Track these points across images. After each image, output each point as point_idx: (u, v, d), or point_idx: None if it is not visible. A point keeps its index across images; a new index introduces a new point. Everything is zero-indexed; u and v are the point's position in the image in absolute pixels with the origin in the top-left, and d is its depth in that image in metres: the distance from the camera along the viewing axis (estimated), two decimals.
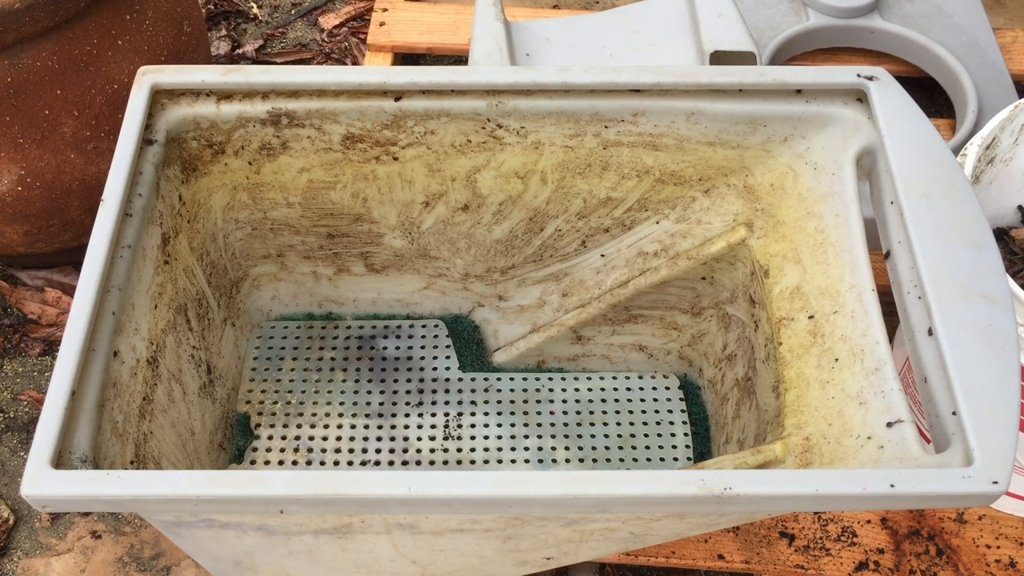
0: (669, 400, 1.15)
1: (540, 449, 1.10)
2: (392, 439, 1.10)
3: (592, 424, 1.12)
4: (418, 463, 1.08)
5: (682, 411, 1.14)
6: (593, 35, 1.32)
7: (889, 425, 0.76)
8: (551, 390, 1.15)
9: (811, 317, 0.88)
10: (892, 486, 0.69)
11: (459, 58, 1.56)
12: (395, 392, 1.13)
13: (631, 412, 1.14)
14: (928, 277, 0.78)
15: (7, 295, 1.33)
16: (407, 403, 1.12)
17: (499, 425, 1.11)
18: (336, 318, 1.19)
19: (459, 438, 1.10)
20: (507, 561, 0.89)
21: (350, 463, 1.08)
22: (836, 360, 0.83)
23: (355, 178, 1.00)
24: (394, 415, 1.11)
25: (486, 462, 1.08)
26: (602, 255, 1.08)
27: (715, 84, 0.91)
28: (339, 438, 1.10)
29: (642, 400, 1.15)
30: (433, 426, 1.11)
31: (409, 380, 1.14)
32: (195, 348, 0.98)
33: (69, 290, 1.32)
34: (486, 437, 1.10)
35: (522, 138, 0.96)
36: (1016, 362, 0.74)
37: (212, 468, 1.00)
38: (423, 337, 1.18)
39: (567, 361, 1.17)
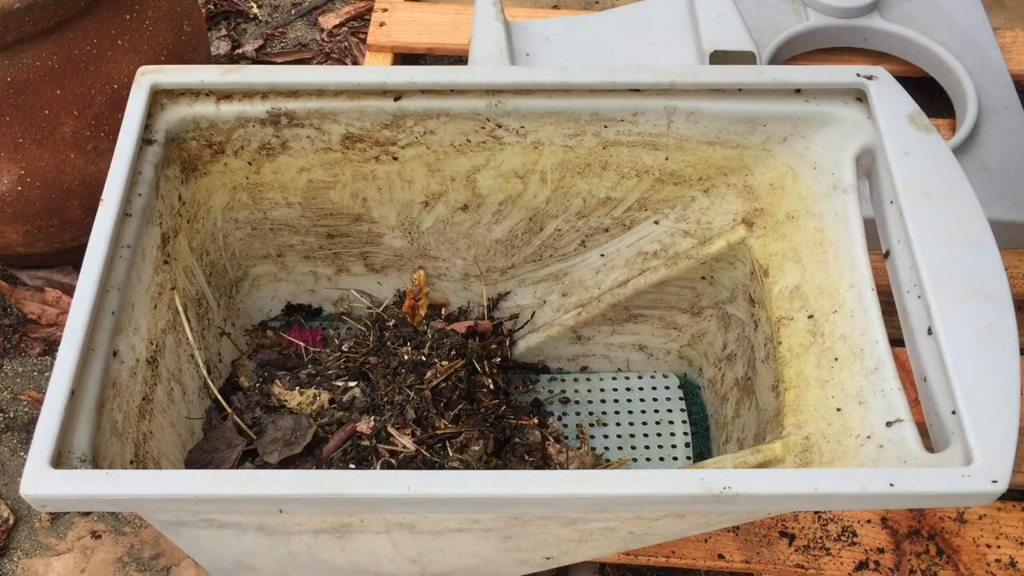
0: (669, 400, 1.15)
1: None
2: None
3: (592, 424, 1.12)
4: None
5: (682, 411, 1.14)
6: (593, 35, 1.32)
7: (889, 424, 0.76)
8: (551, 391, 1.15)
9: (811, 316, 0.88)
10: (891, 485, 0.69)
11: (459, 58, 1.56)
12: None
13: (631, 412, 1.14)
14: (928, 276, 0.78)
15: (7, 295, 1.33)
16: None
17: None
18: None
19: None
20: (507, 560, 0.89)
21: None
22: (836, 359, 0.83)
23: (355, 178, 1.00)
24: None
25: None
26: (602, 255, 1.08)
27: (714, 84, 0.91)
28: None
29: (642, 400, 1.15)
30: None
31: None
32: (195, 348, 0.98)
33: (69, 290, 1.32)
34: None
35: (522, 138, 0.96)
36: (1016, 362, 0.74)
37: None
38: None
39: (567, 361, 1.17)
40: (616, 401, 1.15)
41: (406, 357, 1.01)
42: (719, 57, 1.22)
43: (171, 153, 0.93)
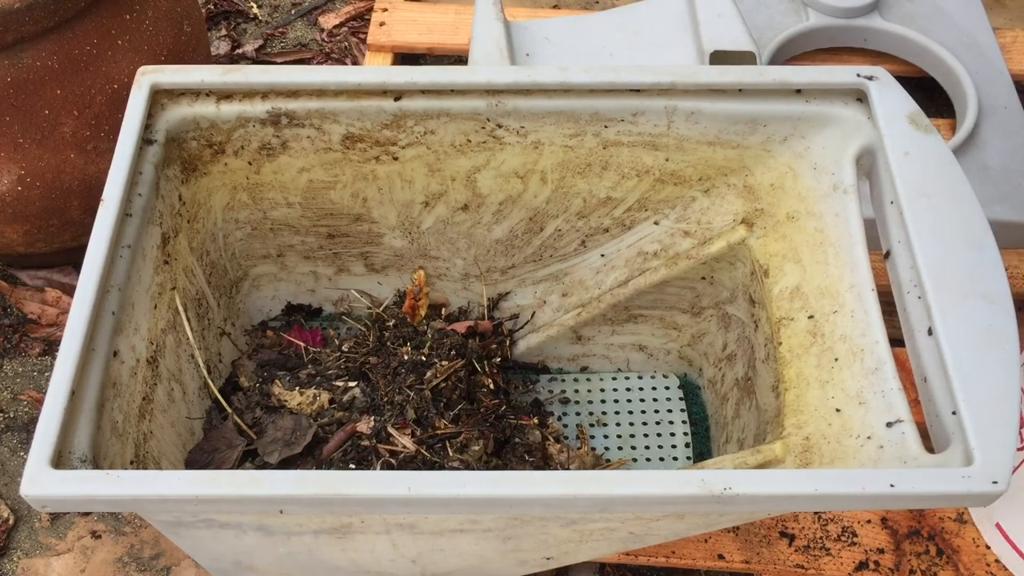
0: (669, 400, 1.15)
1: None
2: None
3: (592, 424, 1.12)
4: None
5: (682, 411, 1.14)
6: (593, 35, 1.32)
7: (889, 425, 0.76)
8: (551, 391, 1.15)
9: (811, 317, 0.88)
10: (892, 486, 0.69)
11: (459, 58, 1.56)
12: None
13: (631, 412, 1.14)
14: (928, 277, 0.78)
15: (7, 295, 1.33)
16: None
17: None
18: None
19: None
20: (507, 561, 0.89)
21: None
22: (836, 360, 0.83)
23: (355, 178, 1.00)
24: None
25: None
26: (602, 255, 1.08)
27: (715, 84, 0.91)
28: None
29: (642, 400, 1.15)
30: None
31: None
32: (195, 348, 0.98)
33: (69, 290, 1.32)
34: None
35: (522, 138, 0.96)
36: (1016, 362, 0.74)
37: None
38: None
39: (567, 361, 1.17)
40: (616, 401, 1.15)
41: (406, 357, 1.01)
42: (719, 57, 1.22)
43: (171, 153, 0.93)
